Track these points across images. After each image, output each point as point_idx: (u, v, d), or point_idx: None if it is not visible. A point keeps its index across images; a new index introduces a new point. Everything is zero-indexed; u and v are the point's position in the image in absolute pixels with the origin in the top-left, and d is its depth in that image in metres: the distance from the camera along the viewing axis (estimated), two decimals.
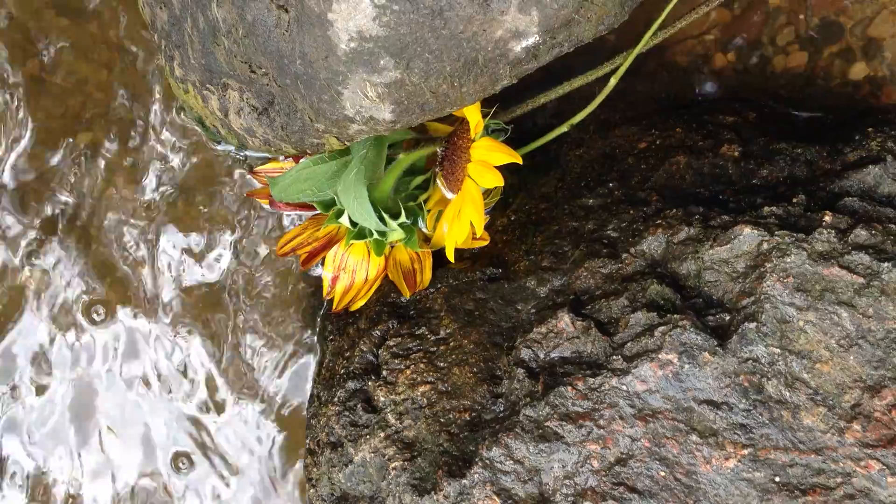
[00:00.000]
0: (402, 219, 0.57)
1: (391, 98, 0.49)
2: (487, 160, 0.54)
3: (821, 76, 0.65)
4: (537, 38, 0.49)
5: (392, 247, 0.60)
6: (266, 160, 0.64)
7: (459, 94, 0.50)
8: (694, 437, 0.49)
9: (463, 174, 0.55)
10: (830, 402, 0.49)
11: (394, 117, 0.50)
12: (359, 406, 0.56)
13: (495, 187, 0.61)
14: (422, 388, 0.55)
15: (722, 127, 0.59)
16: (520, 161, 0.54)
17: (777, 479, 0.48)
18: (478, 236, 0.58)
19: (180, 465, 0.65)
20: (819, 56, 0.65)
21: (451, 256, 0.57)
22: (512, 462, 0.50)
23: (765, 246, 0.51)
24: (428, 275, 0.60)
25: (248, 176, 0.66)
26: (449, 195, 0.56)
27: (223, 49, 0.53)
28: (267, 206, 0.66)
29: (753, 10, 0.66)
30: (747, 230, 0.51)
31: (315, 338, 0.67)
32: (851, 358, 0.49)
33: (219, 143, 0.67)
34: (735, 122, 0.60)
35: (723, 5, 0.66)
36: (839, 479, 0.48)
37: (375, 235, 0.57)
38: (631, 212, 0.56)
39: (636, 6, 0.52)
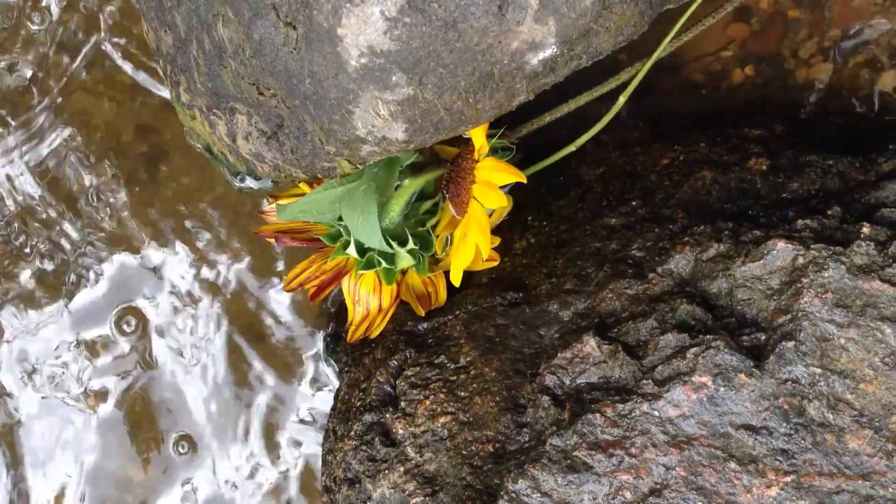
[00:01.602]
0: (410, 245, 0.55)
1: (404, 116, 0.48)
2: (491, 180, 0.53)
3: (847, 88, 0.63)
4: (555, 50, 0.47)
5: (403, 273, 0.59)
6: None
7: (475, 110, 0.49)
8: (732, 465, 0.47)
9: (468, 196, 0.54)
10: (877, 423, 0.47)
11: (407, 137, 0.49)
12: (376, 440, 0.55)
13: (499, 207, 0.59)
14: (442, 420, 0.53)
15: (748, 140, 0.58)
16: (524, 180, 0.53)
17: None
18: (484, 259, 0.56)
19: None
20: (844, 67, 0.64)
21: (456, 281, 0.56)
22: (539, 495, 0.48)
23: (800, 260, 0.49)
24: (443, 294, 0.59)
25: (258, 214, 0.65)
26: (458, 217, 0.55)
27: (230, 71, 0.52)
28: (274, 244, 0.65)
29: (773, 24, 0.65)
30: (781, 244, 0.49)
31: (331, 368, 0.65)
32: None
33: (237, 174, 0.65)
34: (761, 134, 0.58)
35: (739, 20, 0.65)
36: None
37: (384, 265, 0.56)
38: (656, 230, 0.54)
39: (656, 17, 0.51)
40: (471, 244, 0.54)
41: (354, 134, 0.49)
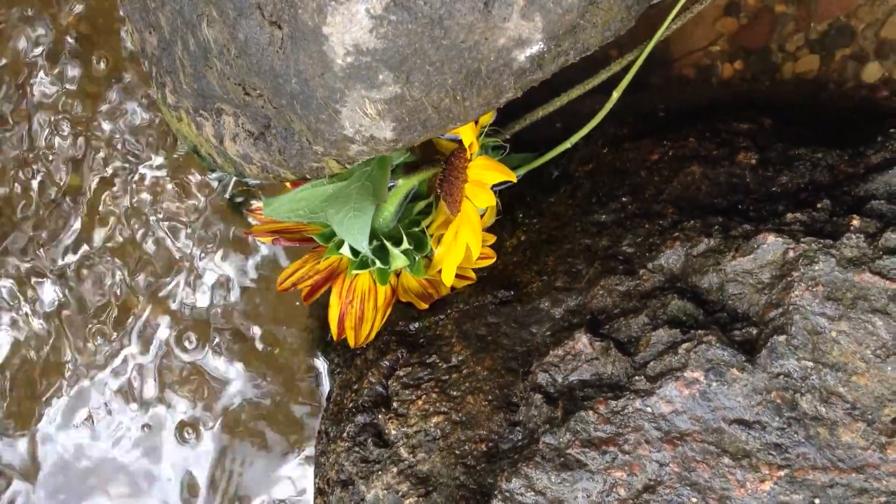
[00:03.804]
0: (405, 244, 0.55)
1: (391, 115, 0.48)
2: (481, 180, 0.53)
3: (833, 80, 0.63)
4: (542, 46, 0.47)
5: (398, 275, 0.58)
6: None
7: (462, 108, 0.48)
8: (726, 460, 0.47)
9: (461, 195, 0.54)
10: (869, 416, 0.46)
11: (395, 135, 0.49)
12: (369, 441, 0.54)
13: (488, 209, 0.59)
14: (435, 419, 0.53)
15: (737, 134, 0.58)
16: (514, 179, 0.53)
17: (817, 500, 0.46)
18: (474, 259, 0.56)
19: None
20: (830, 60, 0.63)
21: (449, 281, 0.55)
22: (533, 493, 0.48)
23: (790, 254, 0.49)
24: (445, 289, 0.58)
25: (246, 213, 0.65)
26: (453, 216, 0.55)
27: (216, 71, 0.51)
28: (268, 244, 0.64)
29: (760, 18, 0.65)
30: (771, 238, 0.49)
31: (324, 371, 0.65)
32: (889, 368, 0.46)
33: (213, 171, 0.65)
34: (750, 128, 0.58)
35: (728, 13, 0.64)
36: (883, 499, 0.45)
37: (378, 265, 0.55)
38: (646, 226, 0.54)
39: (643, 12, 0.51)
40: (461, 244, 0.54)
41: (342, 133, 0.49)
